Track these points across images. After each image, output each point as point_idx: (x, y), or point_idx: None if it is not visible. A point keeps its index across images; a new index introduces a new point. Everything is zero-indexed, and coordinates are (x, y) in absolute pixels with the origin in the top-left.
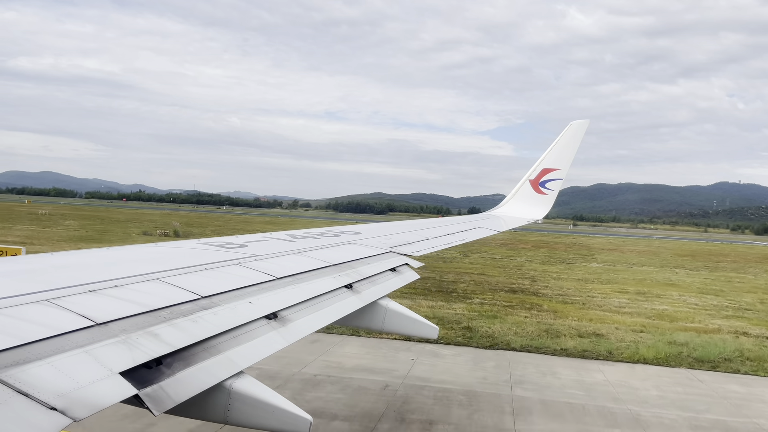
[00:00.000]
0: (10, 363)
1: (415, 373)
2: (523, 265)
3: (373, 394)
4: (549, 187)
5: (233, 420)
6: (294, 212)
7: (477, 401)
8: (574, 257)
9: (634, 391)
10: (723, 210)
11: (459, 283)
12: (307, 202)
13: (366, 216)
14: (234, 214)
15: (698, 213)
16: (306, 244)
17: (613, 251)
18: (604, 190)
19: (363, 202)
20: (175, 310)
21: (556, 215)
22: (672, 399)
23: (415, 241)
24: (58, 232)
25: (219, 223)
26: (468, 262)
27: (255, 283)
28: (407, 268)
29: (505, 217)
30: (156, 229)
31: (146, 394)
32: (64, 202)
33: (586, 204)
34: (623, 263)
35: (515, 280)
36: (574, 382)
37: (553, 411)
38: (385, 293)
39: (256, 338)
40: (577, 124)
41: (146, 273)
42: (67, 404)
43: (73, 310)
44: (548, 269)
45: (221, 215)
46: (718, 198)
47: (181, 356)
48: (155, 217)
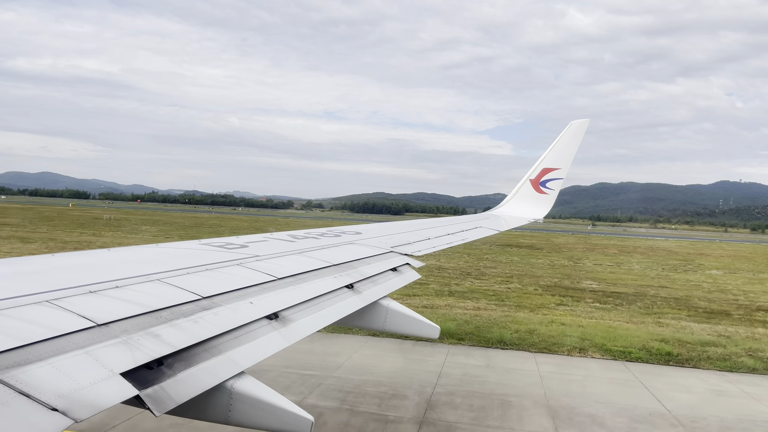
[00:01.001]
0: (11, 364)
1: None
2: (669, 276)
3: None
4: (550, 187)
5: (234, 420)
6: (311, 213)
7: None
8: (680, 263)
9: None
10: (729, 209)
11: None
12: (320, 202)
13: (383, 217)
14: (252, 215)
15: (704, 212)
16: (307, 245)
17: (703, 256)
18: (606, 189)
19: (379, 203)
20: (176, 311)
21: (559, 215)
22: None
23: (416, 240)
24: (154, 241)
25: (264, 226)
26: (627, 272)
27: (256, 283)
28: (408, 268)
29: (506, 216)
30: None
31: (147, 395)
32: (96, 205)
33: (589, 203)
34: (738, 269)
35: (709, 294)
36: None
37: None
38: (386, 293)
39: (257, 338)
40: (577, 124)
41: (147, 274)
42: (68, 405)
43: (74, 311)
44: (691, 278)
45: (246, 217)
46: (720, 197)
47: (182, 357)
48: (218, 221)
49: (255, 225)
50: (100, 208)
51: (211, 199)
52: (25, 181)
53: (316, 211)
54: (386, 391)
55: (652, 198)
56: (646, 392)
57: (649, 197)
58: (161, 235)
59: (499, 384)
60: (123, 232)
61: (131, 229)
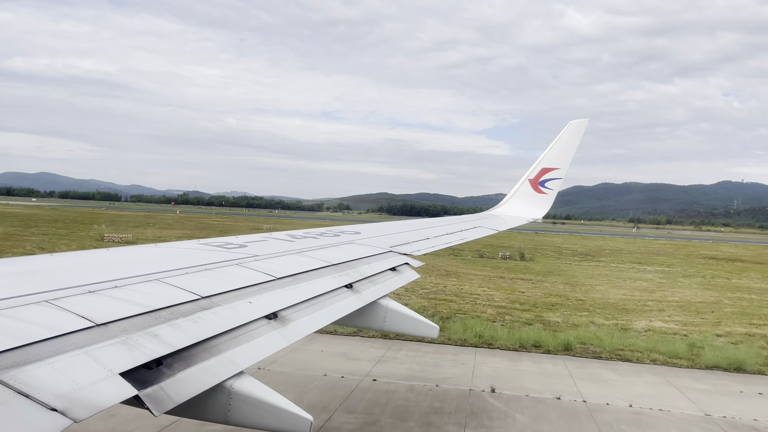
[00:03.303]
0: (11, 364)
1: None
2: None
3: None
4: (549, 187)
5: (234, 420)
6: (348, 215)
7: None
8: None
9: None
10: (744, 210)
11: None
12: (347, 204)
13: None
14: (289, 218)
15: (720, 213)
16: (306, 244)
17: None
18: (610, 189)
19: (417, 205)
20: (175, 311)
21: (565, 215)
22: None
23: (415, 240)
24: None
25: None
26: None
27: (255, 283)
28: (407, 268)
29: (505, 216)
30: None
31: (146, 395)
32: (135, 208)
33: (594, 204)
34: None
35: None
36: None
37: None
38: (386, 293)
39: (257, 338)
40: (576, 124)
41: (146, 273)
42: (67, 405)
43: (73, 311)
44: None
45: (292, 220)
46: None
47: (181, 357)
48: (276, 224)
49: (312, 225)
50: (171, 213)
51: (246, 202)
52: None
53: (353, 213)
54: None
55: (658, 198)
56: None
57: (654, 197)
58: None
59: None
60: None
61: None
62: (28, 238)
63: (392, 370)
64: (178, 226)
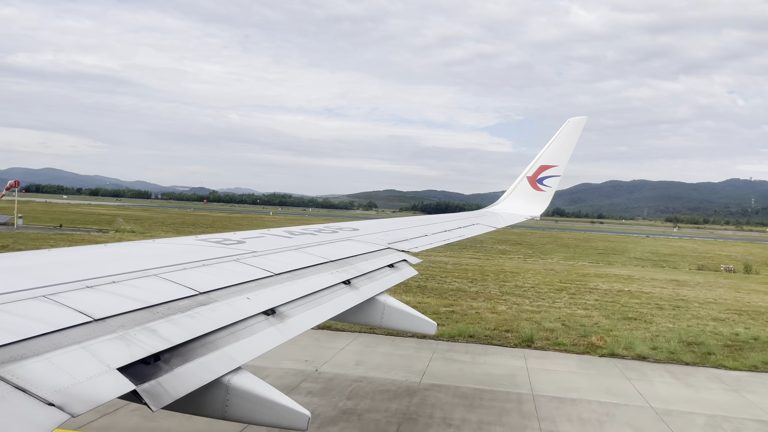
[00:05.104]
0: (8, 359)
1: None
2: None
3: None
4: (547, 184)
5: (232, 415)
6: (382, 213)
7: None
8: None
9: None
10: (763, 209)
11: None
12: (374, 202)
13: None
14: (325, 216)
15: (738, 212)
16: (304, 241)
17: None
18: (619, 187)
19: (452, 204)
20: (173, 306)
21: (574, 213)
22: None
23: (413, 237)
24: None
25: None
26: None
27: (253, 279)
28: (405, 264)
29: (503, 213)
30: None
31: (144, 390)
32: (197, 207)
33: (603, 201)
34: None
35: None
36: None
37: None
38: (384, 289)
39: (255, 334)
40: (574, 121)
41: (144, 269)
42: (64, 400)
43: (71, 306)
44: None
45: (332, 218)
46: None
47: (179, 352)
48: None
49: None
50: (258, 213)
51: (279, 200)
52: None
53: (386, 211)
54: None
55: (669, 196)
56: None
57: (665, 195)
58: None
59: None
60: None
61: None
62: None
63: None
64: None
